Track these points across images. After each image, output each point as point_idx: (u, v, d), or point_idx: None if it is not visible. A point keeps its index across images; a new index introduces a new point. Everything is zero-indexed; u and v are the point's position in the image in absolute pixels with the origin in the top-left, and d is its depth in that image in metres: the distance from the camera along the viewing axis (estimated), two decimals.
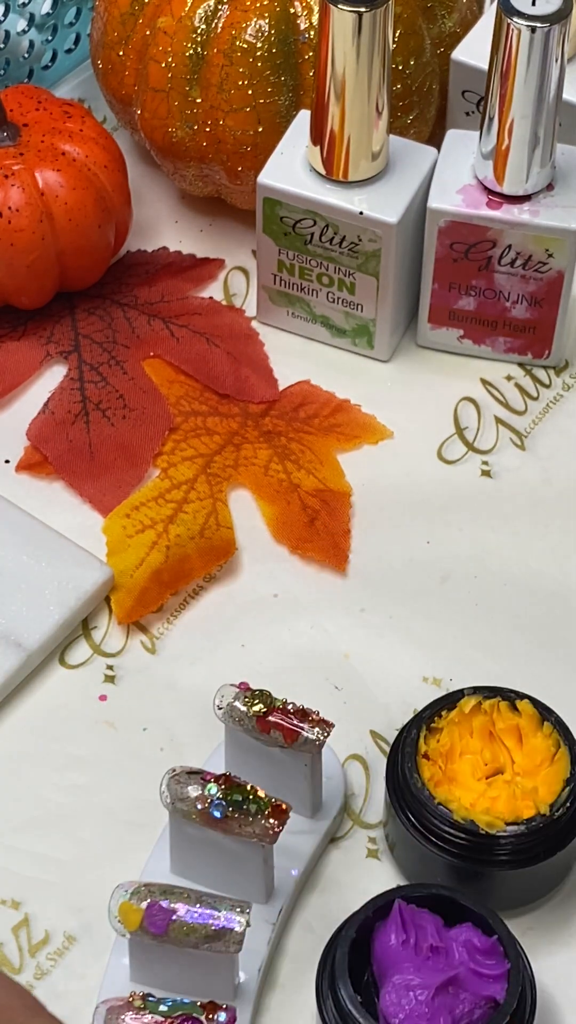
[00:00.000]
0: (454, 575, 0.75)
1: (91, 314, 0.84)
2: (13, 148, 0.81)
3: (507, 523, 0.77)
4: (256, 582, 0.75)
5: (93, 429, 0.79)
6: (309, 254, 0.80)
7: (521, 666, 0.72)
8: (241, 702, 0.63)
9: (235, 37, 0.80)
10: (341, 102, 0.74)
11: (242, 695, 0.63)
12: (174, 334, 0.83)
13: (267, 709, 0.62)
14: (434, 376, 0.83)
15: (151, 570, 0.74)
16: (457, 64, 0.84)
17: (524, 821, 0.63)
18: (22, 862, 0.67)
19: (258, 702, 0.62)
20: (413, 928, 0.60)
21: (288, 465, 0.78)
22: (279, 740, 0.62)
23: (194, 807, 0.60)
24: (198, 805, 0.60)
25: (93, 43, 0.87)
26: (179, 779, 0.61)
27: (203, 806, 0.60)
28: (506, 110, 0.74)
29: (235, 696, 0.63)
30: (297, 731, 0.62)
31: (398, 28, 0.81)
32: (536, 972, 0.62)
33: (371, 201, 0.77)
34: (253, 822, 0.60)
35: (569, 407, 0.82)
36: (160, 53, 0.82)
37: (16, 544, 0.74)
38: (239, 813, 0.60)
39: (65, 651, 0.73)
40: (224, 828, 0.60)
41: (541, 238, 0.77)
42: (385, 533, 0.77)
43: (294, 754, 0.63)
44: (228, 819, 0.60)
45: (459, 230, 0.78)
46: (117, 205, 0.82)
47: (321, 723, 0.63)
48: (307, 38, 0.80)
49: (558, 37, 0.72)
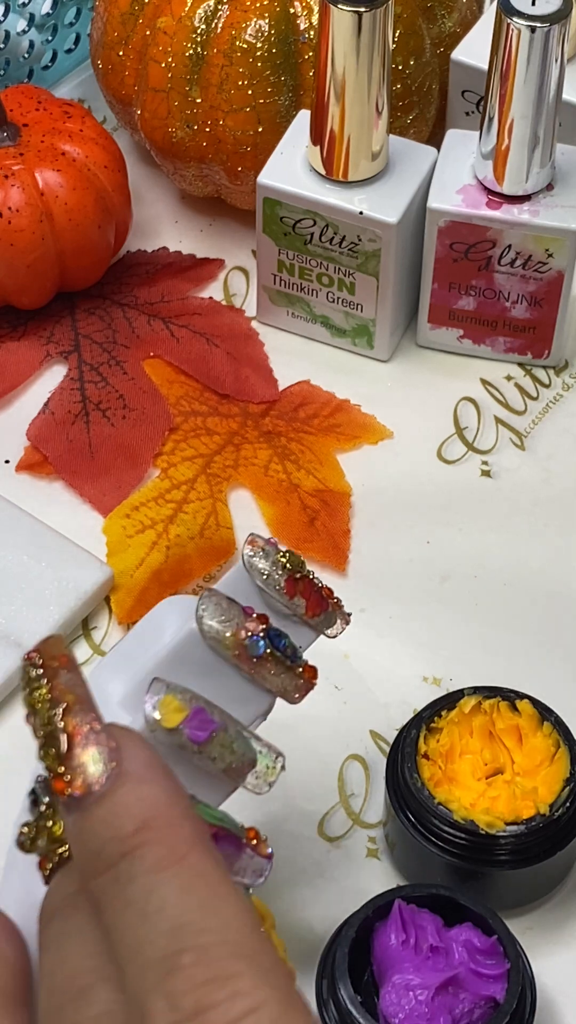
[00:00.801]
0: (454, 575, 0.75)
1: (91, 314, 0.84)
2: (13, 148, 0.81)
3: (507, 523, 0.77)
4: None
5: (93, 429, 0.79)
6: (309, 254, 0.80)
7: (521, 666, 0.72)
8: (274, 556, 0.54)
9: (235, 37, 0.80)
10: (341, 102, 0.74)
11: (274, 550, 0.54)
12: (174, 334, 0.83)
13: (300, 574, 0.54)
14: (434, 376, 0.83)
15: (151, 570, 0.74)
16: (457, 64, 0.84)
17: (524, 821, 0.63)
18: None
19: (289, 563, 0.54)
20: (413, 928, 0.60)
21: (288, 465, 0.79)
22: (300, 608, 0.54)
23: (238, 633, 0.52)
24: (242, 633, 0.52)
25: (93, 43, 0.87)
26: (263, 549, 0.53)
27: (247, 634, 0.52)
28: (506, 110, 0.74)
29: (265, 548, 0.54)
30: (324, 602, 0.55)
31: (398, 28, 0.81)
32: (536, 972, 0.62)
33: (371, 201, 0.77)
34: (288, 672, 0.53)
35: (569, 407, 0.82)
36: (160, 53, 0.82)
37: (16, 544, 0.74)
38: (277, 659, 0.53)
39: None
40: (252, 671, 0.52)
41: (541, 238, 0.77)
42: (385, 533, 0.77)
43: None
44: (264, 660, 0.52)
45: (459, 230, 0.78)
46: (117, 205, 0.82)
47: (341, 607, 0.56)
48: (307, 38, 0.80)
49: (558, 37, 0.72)
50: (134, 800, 0.40)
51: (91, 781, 0.41)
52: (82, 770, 0.41)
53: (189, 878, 0.39)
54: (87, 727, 0.42)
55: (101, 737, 0.41)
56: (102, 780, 0.41)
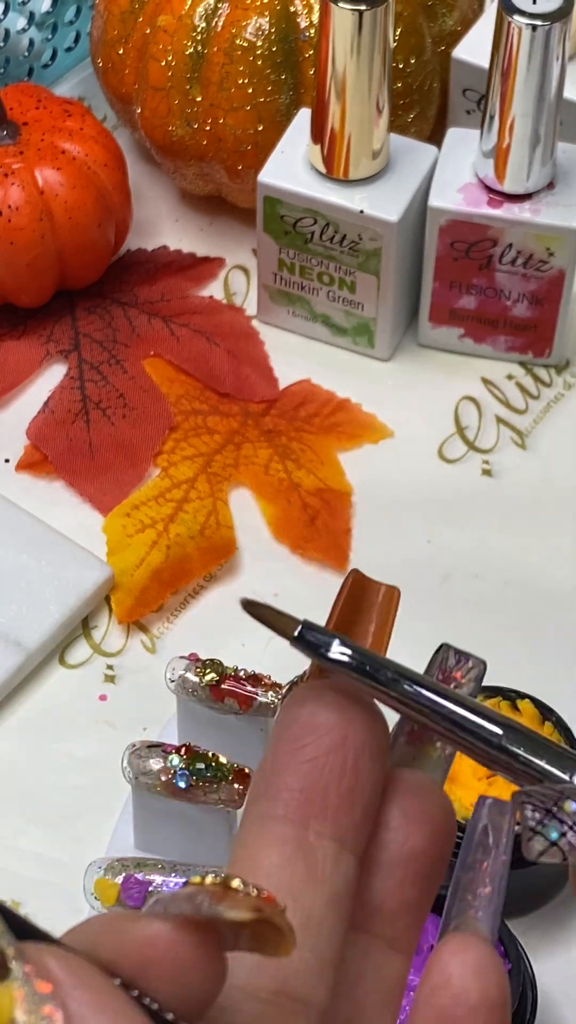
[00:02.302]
0: (454, 575, 0.75)
1: (91, 313, 0.84)
2: (13, 147, 0.80)
3: (508, 522, 0.77)
4: (256, 582, 0.75)
5: (93, 428, 0.79)
6: (310, 253, 0.80)
7: (521, 666, 0.72)
8: (193, 673, 0.63)
9: (235, 35, 0.80)
10: (342, 100, 0.74)
11: (193, 666, 0.63)
12: (174, 333, 0.83)
13: (219, 677, 0.63)
14: (435, 375, 0.82)
15: (151, 569, 0.74)
16: (458, 62, 0.84)
17: None
18: (22, 862, 0.67)
19: (210, 671, 0.63)
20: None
21: (288, 464, 0.78)
22: (234, 707, 0.63)
23: (158, 779, 0.61)
24: (162, 777, 0.60)
25: (93, 41, 0.86)
26: (140, 753, 0.61)
27: (167, 778, 0.60)
28: (507, 108, 0.74)
29: (186, 667, 0.63)
30: (251, 697, 0.63)
31: (399, 26, 0.81)
32: (537, 972, 0.62)
33: (372, 200, 0.77)
34: (218, 788, 0.60)
35: (570, 406, 0.81)
36: (160, 51, 0.82)
37: (16, 544, 0.74)
38: (203, 781, 0.60)
39: (65, 651, 0.73)
40: (190, 797, 0.61)
41: (542, 236, 0.77)
42: (385, 532, 0.76)
43: (249, 720, 0.64)
44: (193, 788, 0.60)
45: (460, 229, 0.78)
46: (117, 204, 0.82)
47: (274, 686, 0.63)
48: (308, 36, 0.80)
49: (559, 35, 0.72)
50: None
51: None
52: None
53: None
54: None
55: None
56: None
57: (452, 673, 0.35)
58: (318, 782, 0.31)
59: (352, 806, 0.31)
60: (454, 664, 0.35)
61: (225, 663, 0.63)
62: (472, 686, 0.35)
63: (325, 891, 0.31)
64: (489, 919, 0.33)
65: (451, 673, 0.35)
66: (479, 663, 0.35)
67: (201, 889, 0.27)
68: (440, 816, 0.33)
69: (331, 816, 0.31)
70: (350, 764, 0.32)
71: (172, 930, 0.27)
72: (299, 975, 0.30)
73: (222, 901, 0.27)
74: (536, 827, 0.32)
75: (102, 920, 0.28)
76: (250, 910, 0.27)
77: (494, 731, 0.33)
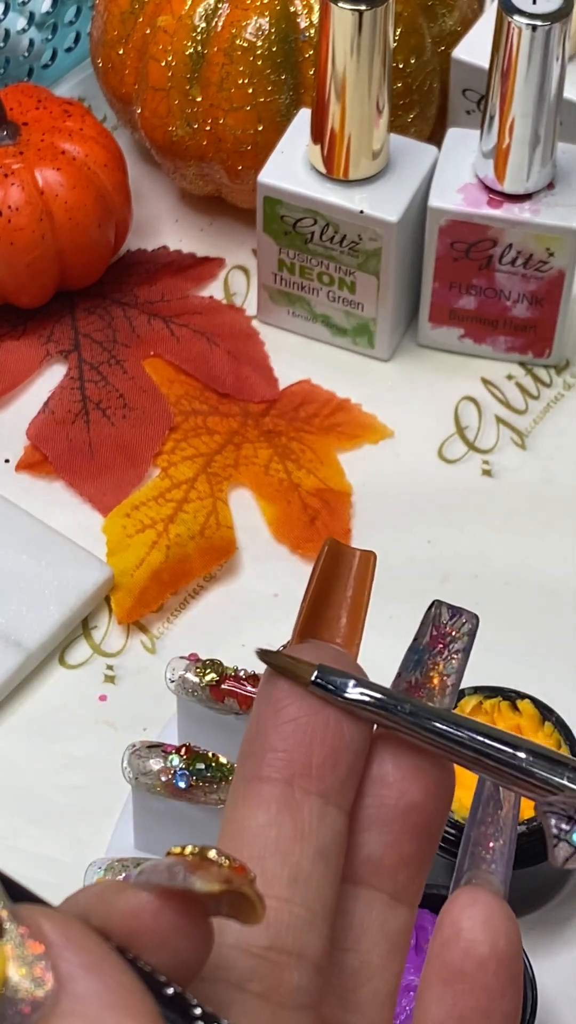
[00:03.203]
0: (454, 575, 0.75)
1: (91, 313, 0.84)
2: (13, 147, 0.80)
3: (508, 523, 0.77)
4: (256, 582, 0.75)
5: (93, 428, 0.79)
6: (310, 253, 0.80)
7: (522, 666, 0.72)
8: (193, 673, 0.63)
9: (235, 35, 0.80)
10: (342, 101, 0.74)
11: (193, 666, 0.63)
12: (174, 333, 0.83)
13: (219, 677, 0.62)
14: (435, 375, 0.82)
15: (151, 570, 0.74)
16: (458, 62, 0.84)
17: (525, 822, 0.63)
18: (22, 862, 0.67)
19: (210, 671, 0.62)
20: (413, 928, 0.60)
21: (288, 464, 0.78)
22: (234, 707, 0.63)
23: (158, 780, 0.61)
24: (162, 777, 0.60)
25: (93, 42, 0.86)
26: (140, 753, 0.61)
27: (167, 778, 0.60)
28: (507, 109, 0.74)
29: (186, 668, 0.63)
30: (251, 697, 0.63)
31: (399, 26, 0.81)
32: (537, 973, 0.62)
33: (372, 200, 0.77)
34: (218, 788, 0.60)
35: (570, 406, 0.81)
36: (160, 52, 0.82)
37: (16, 544, 0.74)
38: (203, 781, 0.60)
39: (65, 651, 0.73)
40: (190, 797, 0.61)
41: (542, 237, 0.77)
42: (386, 533, 0.76)
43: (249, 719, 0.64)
44: (193, 788, 0.60)
45: (460, 229, 0.78)
46: (117, 204, 0.82)
47: None
48: (307, 36, 0.80)
49: (559, 36, 0.72)
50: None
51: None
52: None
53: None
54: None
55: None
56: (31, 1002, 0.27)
57: (446, 628, 0.36)
58: (301, 741, 0.32)
59: (336, 763, 0.32)
60: (448, 620, 0.36)
61: (225, 663, 0.63)
62: (466, 640, 0.36)
63: (312, 846, 0.31)
64: (501, 871, 0.34)
65: (445, 628, 0.36)
66: (472, 617, 0.36)
67: (181, 859, 0.28)
68: (436, 772, 0.34)
69: (315, 773, 0.32)
70: (332, 723, 0.32)
71: (156, 900, 0.28)
72: (290, 929, 0.30)
73: (197, 871, 0.27)
74: (560, 834, 0.33)
75: (90, 891, 0.29)
76: (220, 881, 0.27)
77: (518, 756, 0.34)
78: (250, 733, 0.33)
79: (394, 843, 0.33)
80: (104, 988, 0.26)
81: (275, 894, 0.30)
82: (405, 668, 0.36)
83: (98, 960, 0.27)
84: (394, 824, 0.33)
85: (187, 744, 0.61)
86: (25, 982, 0.26)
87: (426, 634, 0.36)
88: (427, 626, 0.36)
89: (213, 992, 0.29)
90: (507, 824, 0.35)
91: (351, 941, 0.33)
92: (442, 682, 0.36)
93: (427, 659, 0.36)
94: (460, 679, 0.36)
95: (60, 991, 0.26)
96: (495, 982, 0.31)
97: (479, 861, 0.34)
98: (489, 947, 0.31)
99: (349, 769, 0.32)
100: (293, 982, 0.30)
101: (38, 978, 0.26)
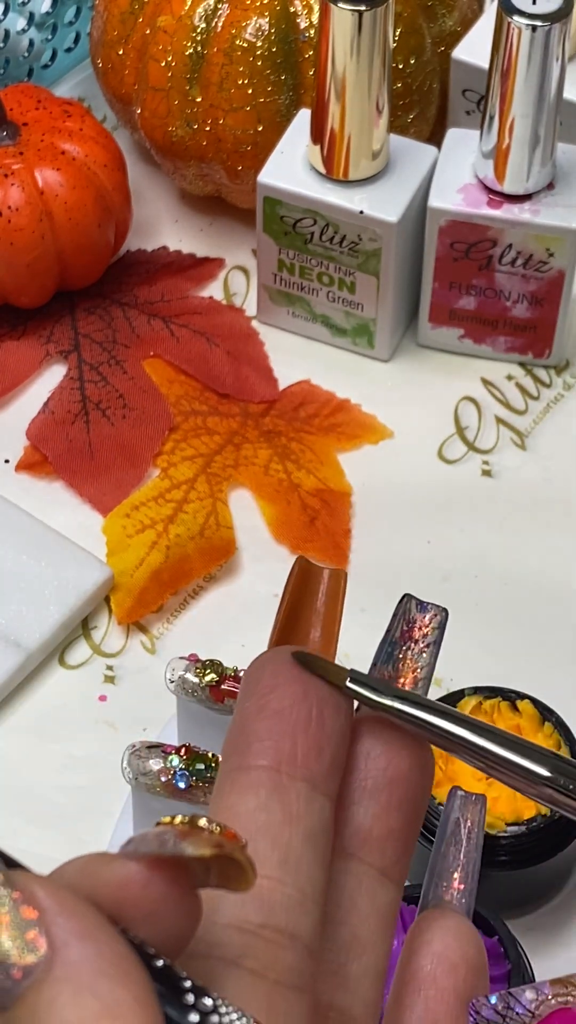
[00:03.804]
0: (454, 575, 0.75)
1: (91, 313, 0.84)
2: (13, 147, 0.80)
3: (507, 523, 0.77)
4: (256, 582, 0.75)
5: (93, 429, 0.79)
6: (309, 253, 0.80)
7: (521, 666, 0.72)
8: (192, 673, 0.62)
9: (235, 36, 0.80)
10: (341, 101, 0.74)
11: (193, 666, 0.63)
12: (174, 333, 0.83)
13: (219, 678, 0.62)
14: (434, 376, 0.82)
15: (151, 570, 0.74)
16: (458, 63, 0.84)
17: (525, 822, 0.63)
18: (22, 862, 0.67)
19: (210, 672, 0.62)
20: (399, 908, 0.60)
21: (288, 465, 0.78)
22: (233, 707, 0.62)
23: (158, 780, 0.60)
24: (162, 778, 0.60)
25: (93, 42, 0.86)
26: (140, 754, 0.61)
27: (167, 778, 0.60)
28: (507, 109, 0.74)
29: (186, 668, 0.63)
30: None
31: (398, 27, 0.81)
32: (537, 973, 0.62)
33: (371, 200, 0.77)
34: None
35: (570, 406, 0.81)
36: (160, 52, 0.82)
37: (16, 544, 0.74)
38: (203, 781, 0.60)
39: (65, 651, 0.73)
40: (190, 798, 0.61)
41: (542, 237, 0.77)
42: (385, 533, 0.76)
43: None
44: (193, 788, 0.60)
45: (460, 229, 0.78)
46: (117, 204, 0.82)
47: None
48: (307, 37, 0.80)
49: (559, 36, 0.72)
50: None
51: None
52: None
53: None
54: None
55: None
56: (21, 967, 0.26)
57: (417, 622, 0.36)
58: (285, 731, 0.32)
59: (320, 752, 0.32)
60: (417, 613, 0.37)
61: (225, 663, 0.63)
62: (436, 633, 0.37)
63: (301, 829, 0.31)
64: (464, 904, 0.34)
65: (416, 622, 0.37)
66: (441, 611, 0.37)
67: (170, 828, 0.28)
68: (418, 747, 0.34)
69: (301, 761, 0.32)
70: (315, 714, 0.33)
71: (144, 870, 0.28)
72: (283, 909, 0.30)
73: (187, 838, 0.27)
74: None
75: (77, 863, 0.29)
76: (211, 846, 0.27)
77: (540, 772, 0.34)
78: (234, 728, 0.33)
79: (381, 814, 0.33)
80: (97, 955, 0.26)
81: (267, 874, 0.31)
82: (378, 660, 0.37)
83: (91, 927, 0.27)
84: (381, 795, 0.34)
85: (187, 744, 0.61)
86: (17, 947, 0.26)
87: (397, 628, 0.37)
88: (397, 620, 0.37)
89: (207, 969, 0.29)
90: (468, 858, 0.36)
91: (342, 914, 0.33)
92: (414, 675, 0.36)
93: (398, 652, 0.37)
94: (432, 671, 0.36)
95: (53, 957, 0.26)
96: (465, 988, 0.32)
97: (442, 892, 0.35)
98: (459, 953, 0.32)
99: (333, 757, 0.33)
100: (287, 961, 0.30)
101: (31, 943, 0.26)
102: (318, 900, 0.31)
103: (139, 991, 0.26)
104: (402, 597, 0.37)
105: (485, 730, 0.35)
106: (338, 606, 0.37)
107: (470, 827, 0.36)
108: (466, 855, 0.35)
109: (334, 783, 0.33)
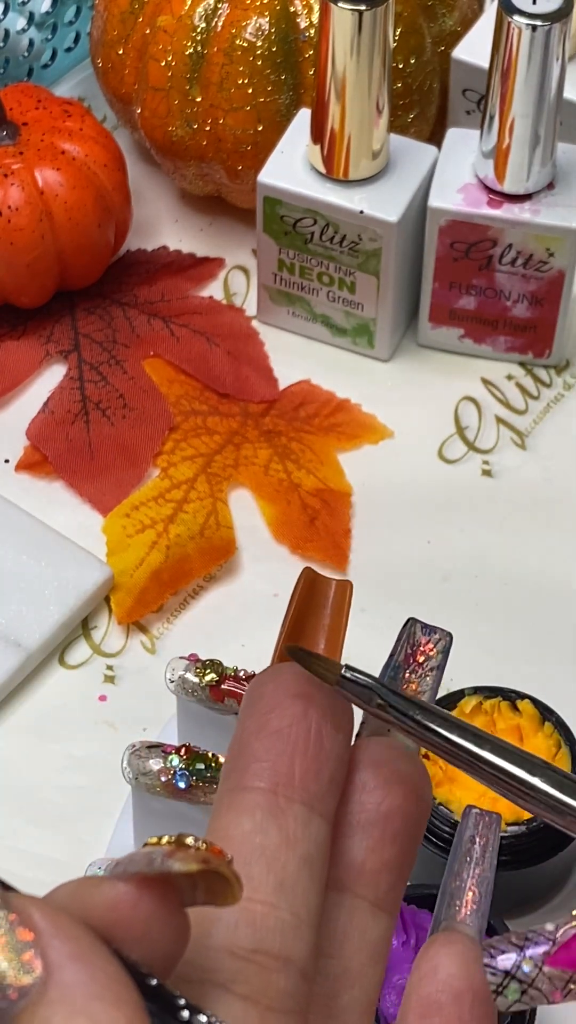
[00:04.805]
0: (454, 575, 0.75)
1: (91, 313, 0.84)
2: (13, 147, 0.80)
3: (508, 523, 0.77)
4: (256, 582, 0.75)
5: (93, 429, 0.79)
6: (309, 253, 0.80)
7: (521, 666, 0.72)
8: (192, 673, 0.62)
9: (235, 35, 0.80)
10: (341, 101, 0.74)
11: (192, 666, 0.63)
12: (174, 333, 0.83)
13: (219, 678, 0.62)
14: (435, 375, 0.82)
15: (151, 570, 0.74)
16: (458, 63, 0.84)
17: (525, 822, 0.63)
18: (22, 862, 0.67)
19: (210, 671, 0.62)
20: (413, 929, 0.60)
21: (288, 465, 0.78)
22: (234, 707, 0.62)
23: (158, 780, 0.60)
24: (162, 778, 0.60)
25: (93, 42, 0.86)
26: (140, 754, 0.61)
27: (167, 778, 0.60)
28: (507, 109, 0.74)
29: (186, 668, 0.63)
30: None
31: (399, 26, 0.81)
32: None
33: (371, 200, 0.77)
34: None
35: (570, 406, 0.81)
36: (160, 52, 0.82)
37: (16, 544, 0.74)
38: (203, 781, 0.60)
39: (65, 651, 0.73)
40: (190, 797, 0.61)
41: (542, 237, 0.77)
42: (386, 533, 0.76)
43: None
44: (193, 788, 0.60)
45: (460, 229, 0.78)
46: (117, 204, 0.82)
47: None
48: (307, 36, 0.80)
49: (559, 36, 0.72)
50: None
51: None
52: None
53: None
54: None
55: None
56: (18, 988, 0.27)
57: (421, 646, 0.37)
58: (284, 751, 0.32)
59: (319, 773, 0.32)
60: (422, 637, 0.37)
61: (225, 663, 0.63)
62: (440, 657, 0.37)
63: (298, 852, 0.31)
64: (476, 923, 0.34)
65: (420, 646, 0.37)
66: (445, 635, 0.37)
67: (157, 847, 0.28)
68: (415, 778, 0.34)
69: (299, 783, 0.32)
70: (313, 734, 0.33)
71: (133, 890, 0.28)
72: (276, 933, 0.30)
73: (174, 856, 0.28)
74: (498, 989, 0.33)
75: (68, 887, 0.29)
76: (198, 862, 0.28)
77: (533, 782, 0.34)
78: (233, 746, 0.33)
79: (375, 847, 0.33)
80: (91, 978, 0.27)
81: (261, 899, 0.30)
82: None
83: (86, 949, 0.27)
84: (374, 829, 0.33)
85: (187, 744, 0.61)
86: (14, 968, 0.26)
87: (401, 651, 0.37)
88: (402, 643, 0.37)
89: (199, 994, 0.30)
90: (482, 878, 0.35)
91: (333, 948, 0.33)
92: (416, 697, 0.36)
93: (402, 676, 0.37)
94: (435, 695, 0.36)
95: (48, 978, 0.26)
96: (469, 1016, 0.32)
97: (454, 912, 0.35)
98: (466, 982, 0.32)
99: (331, 778, 0.33)
100: (280, 986, 0.30)
101: (27, 964, 0.27)
102: (313, 923, 0.31)
103: (132, 1013, 0.27)
104: (407, 621, 0.37)
105: (474, 735, 0.35)
106: (344, 618, 0.37)
107: (484, 845, 0.36)
108: (480, 874, 0.35)
109: (332, 802, 0.33)
